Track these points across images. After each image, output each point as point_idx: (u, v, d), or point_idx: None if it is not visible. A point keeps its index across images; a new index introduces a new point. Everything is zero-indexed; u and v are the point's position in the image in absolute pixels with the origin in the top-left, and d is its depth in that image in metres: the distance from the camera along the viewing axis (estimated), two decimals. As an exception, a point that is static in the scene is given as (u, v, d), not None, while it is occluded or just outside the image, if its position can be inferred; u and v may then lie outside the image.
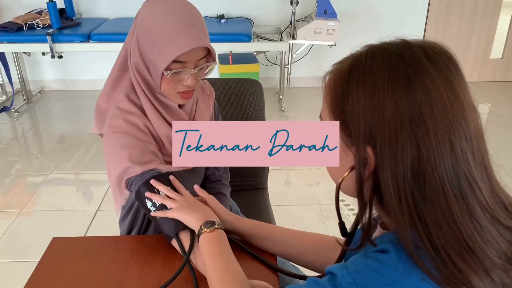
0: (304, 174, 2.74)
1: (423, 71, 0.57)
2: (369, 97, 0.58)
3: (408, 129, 0.55)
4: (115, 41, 3.23)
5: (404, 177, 0.56)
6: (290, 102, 3.74)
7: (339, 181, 0.65)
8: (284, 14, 3.72)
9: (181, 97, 1.05)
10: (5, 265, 2.00)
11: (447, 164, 0.55)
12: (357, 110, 0.59)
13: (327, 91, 0.65)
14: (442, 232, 0.55)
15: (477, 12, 3.85)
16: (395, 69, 0.58)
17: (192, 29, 0.96)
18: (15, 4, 3.67)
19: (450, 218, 0.55)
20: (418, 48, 0.59)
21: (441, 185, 0.55)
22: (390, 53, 0.59)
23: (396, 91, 0.56)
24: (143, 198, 0.98)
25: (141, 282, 0.91)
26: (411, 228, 0.57)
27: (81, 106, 3.80)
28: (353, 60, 0.62)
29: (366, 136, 0.58)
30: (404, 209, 0.57)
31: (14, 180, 2.73)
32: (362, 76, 0.59)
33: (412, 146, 0.55)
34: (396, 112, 0.56)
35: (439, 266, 0.55)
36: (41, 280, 0.92)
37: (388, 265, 0.58)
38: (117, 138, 1.02)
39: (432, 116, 0.55)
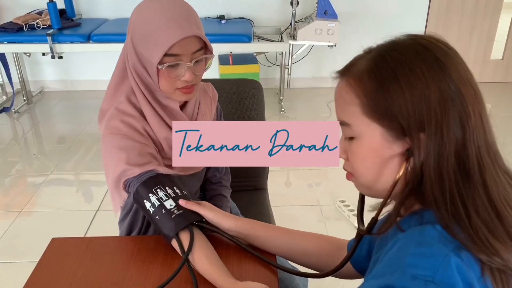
0: (304, 175, 2.73)
1: (447, 55, 0.62)
2: (413, 88, 0.60)
3: (451, 109, 0.59)
4: (115, 41, 3.23)
5: (448, 158, 0.59)
6: (290, 102, 3.74)
7: (396, 178, 0.64)
8: (284, 15, 3.72)
9: (182, 93, 1.03)
10: (5, 266, 2.00)
11: (481, 136, 0.60)
12: (404, 103, 0.60)
13: (359, 93, 0.64)
14: (478, 207, 0.59)
15: (478, 12, 3.85)
16: (426, 56, 0.61)
17: (182, 21, 0.96)
18: (15, 4, 3.67)
19: (484, 192, 0.60)
20: (430, 38, 0.64)
21: (478, 158, 0.60)
22: (410, 45, 0.63)
23: (435, 75, 0.60)
24: (142, 199, 0.98)
25: (140, 282, 0.90)
26: (449, 206, 0.59)
27: (81, 106, 3.80)
28: (374, 59, 0.64)
29: (417, 124, 0.60)
30: (446, 189, 0.59)
31: (14, 180, 2.72)
32: (398, 70, 0.61)
33: (456, 124, 0.59)
34: (440, 95, 0.59)
35: (472, 238, 0.58)
36: (40, 281, 0.92)
37: (430, 244, 0.58)
38: (115, 140, 1.02)
39: (468, 93, 0.60)
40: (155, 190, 0.97)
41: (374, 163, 0.65)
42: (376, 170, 0.66)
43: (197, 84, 1.05)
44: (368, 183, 0.68)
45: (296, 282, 1.16)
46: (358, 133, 0.65)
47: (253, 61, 3.58)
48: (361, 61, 0.66)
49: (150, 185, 0.98)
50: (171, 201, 0.97)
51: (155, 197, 0.97)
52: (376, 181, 0.67)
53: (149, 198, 0.97)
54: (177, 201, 0.97)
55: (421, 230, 0.60)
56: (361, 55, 0.67)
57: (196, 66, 1.01)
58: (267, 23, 3.79)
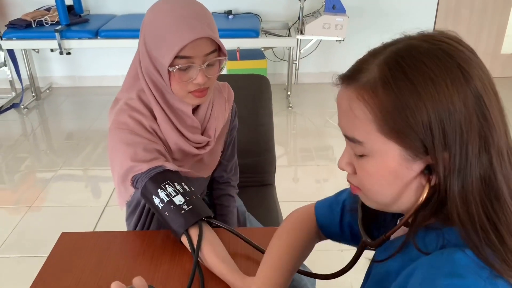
0: (312, 171, 2.72)
1: (469, 60, 0.55)
2: (435, 102, 0.53)
3: (476, 123, 0.53)
4: (123, 37, 3.23)
5: (473, 175, 0.54)
6: (298, 98, 3.72)
7: (420, 201, 0.58)
8: (292, 10, 3.70)
9: (194, 96, 1.00)
10: (15, 260, 2.02)
11: (505, 145, 0.55)
12: (426, 119, 0.53)
13: (372, 109, 0.56)
14: (508, 222, 0.54)
15: (488, 6, 3.80)
16: (448, 65, 0.54)
17: (194, 21, 0.93)
18: (24, 1, 3.69)
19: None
20: (447, 39, 0.56)
21: (504, 171, 0.55)
22: (430, 50, 0.55)
23: (460, 88, 0.53)
24: (150, 194, 0.98)
25: (149, 277, 0.91)
26: (479, 230, 0.54)
27: (90, 102, 3.82)
28: (387, 65, 0.55)
29: (441, 142, 0.54)
30: (473, 210, 0.54)
31: (24, 176, 2.75)
32: (416, 80, 0.53)
33: (481, 141, 0.54)
34: (465, 109, 0.53)
35: (506, 261, 0.53)
36: (50, 275, 0.93)
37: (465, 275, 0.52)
38: (122, 135, 1.01)
39: (491, 102, 0.55)
40: (164, 185, 0.97)
41: (390, 184, 0.59)
42: (394, 190, 0.59)
43: (210, 87, 1.02)
44: (383, 203, 0.62)
45: (305, 281, 1.15)
46: (373, 152, 0.58)
47: (260, 57, 3.56)
48: (370, 67, 0.57)
49: (159, 180, 0.98)
50: (180, 196, 0.96)
51: (164, 192, 0.96)
52: (394, 202, 0.61)
53: (157, 194, 0.97)
54: (186, 197, 0.97)
55: (449, 256, 0.54)
56: (366, 59, 0.59)
57: (209, 69, 0.98)
58: (274, 18, 3.77)
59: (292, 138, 3.25)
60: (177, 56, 0.93)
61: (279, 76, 3.97)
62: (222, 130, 1.20)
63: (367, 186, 0.62)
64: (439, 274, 0.52)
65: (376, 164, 0.59)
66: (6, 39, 3.34)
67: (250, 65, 3.48)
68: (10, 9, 3.73)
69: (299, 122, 3.46)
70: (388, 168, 0.58)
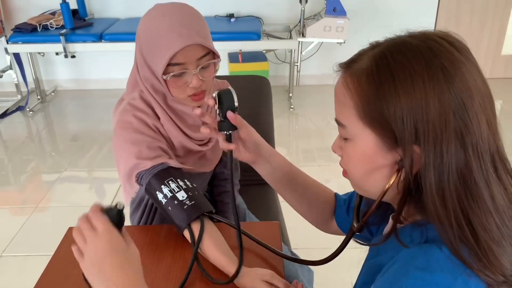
0: (314, 171, 2.75)
1: (456, 61, 0.56)
2: (410, 96, 0.55)
3: (452, 122, 0.55)
4: (127, 40, 3.29)
5: (449, 173, 0.55)
6: (299, 100, 3.75)
7: (386, 187, 0.61)
8: (293, 12, 3.74)
9: (193, 99, 1.04)
10: (22, 259, 2.06)
11: (486, 147, 0.56)
12: (399, 112, 0.56)
13: (353, 96, 0.60)
14: (486, 221, 0.55)
15: (488, 7, 3.82)
16: (430, 63, 0.55)
17: (183, 29, 0.95)
18: (29, 5, 3.74)
19: (492, 205, 0.56)
20: (441, 39, 0.58)
21: (484, 174, 0.55)
22: (417, 47, 0.57)
23: (437, 86, 0.55)
24: (154, 190, 1.01)
25: (152, 270, 0.94)
26: (454, 226, 0.55)
27: (94, 105, 3.87)
28: (376, 59, 0.59)
29: (412, 136, 0.56)
30: (449, 205, 0.55)
31: (30, 177, 2.79)
32: (397, 75, 0.56)
33: (457, 140, 0.55)
34: (440, 107, 0.54)
35: (479, 257, 0.55)
36: (57, 268, 0.96)
37: (434, 270, 0.54)
38: (126, 134, 1.04)
39: (473, 105, 0.55)
40: (167, 182, 1.00)
41: (365, 168, 0.63)
42: (366, 174, 0.63)
43: (207, 89, 1.05)
44: (359, 185, 0.67)
45: (301, 278, 1.18)
46: (352, 136, 0.62)
47: (262, 59, 3.60)
48: (364, 57, 0.61)
49: (162, 177, 1.01)
50: (183, 192, 1.00)
51: (168, 188, 1.00)
52: (366, 184, 0.65)
53: (161, 190, 1.00)
54: (189, 193, 1.00)
55: (426, 251, 0.56)
56: (365, 50, 0.62)
57: (203, 72, 1.01)
58: (276, 21, 3.81)
59: (294, 139, 3.28)
60: (169, 63, 0.96)
61: (281, 78, 4.00)
62: None
63: (348, 168, 0.67)
64: (412, 266, 0.55)
65: (354, 148, 0.63)
66: (12, 43, 3.40)
67: (252, 67, 3.52)
68: (16, 13, 3.78)
69: (301, 123, 3.48)
70: (364, 153, 0.62)
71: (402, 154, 0.58)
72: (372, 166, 0.62)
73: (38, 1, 3.72)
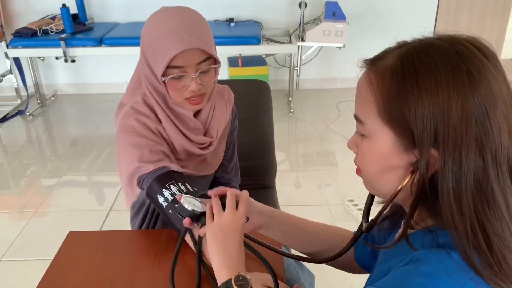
0: (314, 176, 2.75)
1: (483, 67, 0.56)
2: (433, 98, 0.55)
3: (474, 129, 0.54)
4: (127, 45, 3.29)
5: (467, 179, 0.55)
6: (299, 104, 3.76)
7: (398, 188, 0.61)
8: (293, 17, 3.75)
9: (190, 103, 1.05)
10: (21, 263, 2.05)
11: (505, 157, 0.55)
12: (421, 113, 0.55)
13: (375, 93, 0.60)
14: (501, 230, 0.55)
15: (487, 11, 3.84)
16: (457, 66, 0.55)
17: (184, 33, 0.96)
18: (29, 10, 3.75)
19: (509, 217, 0.55)
20: (469, 44, 0.57)
21: (500, 181, 0.55)
22: (445, 50, 0.56)
23: (462, 91, 0.54)
24: (155, 194, 1.01)
25: (152, 274, 0.94)
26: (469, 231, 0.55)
27: (94, 109, 3.87)
28: (402, 58, 0.58)
29: (431, 139, 0.55)
30: (465, 211, 0.55)
31: (29, 181, 2.79)
32: (421, 76, 0.56)
33: (477, 146, 0.54)
34: (463, 113, 0.54)
35: (491, 265, 0.55)
36: (58, 272, 0.96)
37: (441, 277, 0.54)
38: (129, 137, 1.05)
39: (496, 113, 0.55)
40: (169, 185, 1.00)
41: (379, 166, 0.63)
42: (380, 173, 0.63)
43: (206, 93, 1.06)
44: (371, 183, 0.67)
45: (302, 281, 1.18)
46: (370, 133, 0.62)
47: (262, 63, 3.61)
48: (389, 55, 0.60)
49: (164, 180, 1.01)
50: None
51: (169, 192, 1.00)
52: (378, 183, 0.65)
53: (162, 193, 1.00)
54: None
55: (435, 256, 0.56)
56: (392, 48, 0.62)
57: (203, 76, 1.01)
58: (275, 25, 3.82)
59: (294, 143, 3.28)
60: (169, 66, 0.97)
61: (280, 83, 4.01)
62: (224, 131, 1.24)
63: (362, 166, 0.66)
64: (417, 272, 0.56)
65: (371, 146, 0.63)
66: (12, 48, 3.41)
67: (252, 72, 3.53)
68: (16, 18, 3.79)
69: (301, 127, 3.49)
70: (380, 151, 0.61)
71: (418, 156, 0.57)
72: (387, 165, 0.62)
73: (38, 6, 3.74)
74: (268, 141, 1.63)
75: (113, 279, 0.93)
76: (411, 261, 0.58)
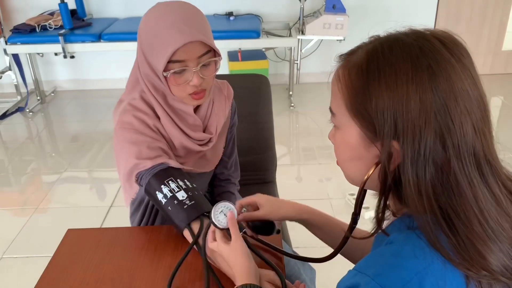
0: (315, 169, 2.75)
1: (444, 62, 0.57)
2: (392, 93, 0.57)
3: (433, 122, 0.55)
4: (126, 40, 3.28)
5: (426, 170, 0.56)
6: (300, 97, 3.75)
7: (364, 178, 0.64)
8: (292, 10, 3.73)
9: (193, 98, 1.03)
10: (22, 260, 2.06)
11: (470, 150, 0.56)
12: (382, 107, 0.57)
13: (343, 87, 0.63)
14: (467, 220, 0.56)
15: (489, 3, 3.81)
16: (417, 62, 0.57)
17: (184, 26, 0.95)
18: (28, 6, 3.73)
19: (476, 206, 0.56)
20: (434, 39, 0.59)
21: (466, 174, 0.56)
22: (408, 45, 0.58)
23: (420, 85, 0.56)
24: (154, 190, 1.00)
25: (151, 270, 0.93)
26: (431, 217, 0.57)
27: (94, 105, 3.86)
28: (368, 53, 0.60)
29: (391, 131, 0.57)
30: (425, 201, 0.57)
31: (30, 178, 2.79)
32: (383, 71, 0.58)
33: (437, 139, 0.56)
34: (421, 107, 0.55)
35: (458, 250, 0.56)
36: (57, 269, 0.96)
37: (407, 256, 0.57)
38: (126, 134, 1.04)
39: (457, 107, 0.56)
40: (167, 181, 1.00)
41: (348, 155, 0.66)
42: (349, 162, 0.66)
43: (207, 88, 1.05)
44: (345, 173, 0.69)
45: (303, 277, 1.17)
46: (341, 125, 0.65)
47: (262, 57, 3.59)
48: (359, 51, 0.63)
49: (162, 177, 1.00)
50: (183, 192, 0.99)
51: (167, 188, 0.99)
52: (349, 171, 0.68)
53: (161, 190, 0.99)
54: (189, 193, 0.99)
55: (406, 237, 0.59)
56: (363, 44, 0.64)
57: (204, 70, 1.00)
58: (275, 19, 3.80)
59: (295, 137, 3.27)
60: (170, 60, 0.96)
61: (281, 76, 3.99)
62: (223, 127, 1.23)
63: (337, 156, 0.69)
64: (386, 252, 0.59)
65: (342, 137, 0.66)
66: (11, 44, 3.39)
67: (252, 66, 3.51)
68: (14, 14, 3.78)
69: (301, 121, 3.48)
70: (349, 143, 0.64)
71: (380, 147, 0.60)
72: (356, 156, 0.64)
73: (36, 2, 3.72)
74: (268, 135, 1.62)
75: (112, 276, 0.93)
76: (385, 244, 0.61)
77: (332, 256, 0.87)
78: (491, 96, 3.67)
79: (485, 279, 0.56)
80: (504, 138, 3.33)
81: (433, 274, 0.55)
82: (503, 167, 0.62)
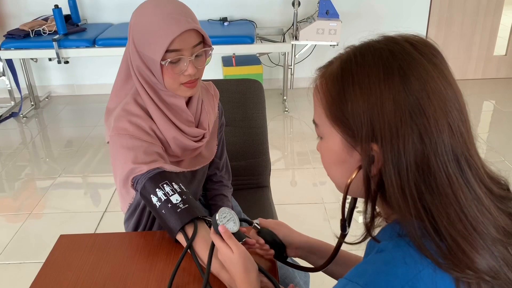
0: (309, 174, 2.75)
1: (415, 62, 0.58)
2: (366, 95, 0.58)
3: (409, 121, 0.56)
4: (120, 45, 3.28)
5: (408, 170, 0.57)
6: (294, 102, 3.76)
7: (347, 182, 0.64)
8: (286, 16, 3.75)
9: (186, 87, 1.06)
10: (15, 266, 2.04)
11: (447, 148, 0.57)
12: (357, 111, 0.58)
13: (321, 96, 0.64)
14: (448, 219, 0.56)
15: (480, 9, 3.85)
16: (388, 64, 0.58)
17: (178, 16, 0.99)
18: (21, 11, 3.73)
19: (456, 204, 0.57)
20: (405, 42, 0.60)
21: (445, 172, 0.56)
22: (379, 50, 0.60)
23: (393, 86, 0.57)
24: (148, 194, 1.01)
25: (144, 276, 0.94)
26: (416, 219, 0.57)
27: (88, 110, 3.86)
28: (342, 61, 0.62)
29: (369, 134, 0.58)
30: (409, 202, 0.57)
31: (24, 184, 2.78)
32: (356, 76, 0.59)
33: (414, 138, 0.56)
34: (395, 107, 0.56)
35: (444, 253, 0.56)
36: (49, 275, 0.95)
37: (397, 264, 0.57)
38: (122, 140, 1.05)
39: (431, 105, 0.56)
40: (162, 185, 1.00)
41: (336, 166, 0.66)
42: (336, 170, 0.67)
43: (199, 78, 1.08)
44: (334, 182, 0.70)
45: (297, 280, 1.18)
46: (324, 135, 0.66)
47: (256, 62, 3.61)
48: (335, 61, 0.64)
49: (157, 180, 1.01)
50: (177, 195, 1.00)
51: (162, 191, 1.00)
52: (337, 180, 0.68)
53: (155, 193, 1.00)
54: (183, 196, 1.00)
55: (395, 244, 0.59)
56: (340, 54, 0.66)
57: (197, 60, 1.04)
58: (269, 24, 3.82)
59: (289, 142, 3.28)
60: (167, 50, 0.98)
61: (275, 81, 4.01)
62: (214, 125, 1.26)
63: (323, 164, 0.70)
64: (377, 260, 0.59)
65: (325, 146, 0.67)
66: (4, 49, 3.38)
67: (246, 71, 3.53)
68: (8, 19, 3.77)
69: (296, 126, 3.49)
70: (333, 151, 0.65)
71: (360, 151, 0.60)
72: (339, 161, 0.65)
73: (30, 7, 3.72)
74: (262, 140, 1.63)
75: (104, 281, 0.93)
76: (375, 252, 0.61)
77: (326, 265, 0.87)
78: (483, 101, 3.71)
79: (472, 279, 0.56)
80: (496, 142, 3.36)
81: (424, 281, 0.55)
82: (486, 166, 0.62)
